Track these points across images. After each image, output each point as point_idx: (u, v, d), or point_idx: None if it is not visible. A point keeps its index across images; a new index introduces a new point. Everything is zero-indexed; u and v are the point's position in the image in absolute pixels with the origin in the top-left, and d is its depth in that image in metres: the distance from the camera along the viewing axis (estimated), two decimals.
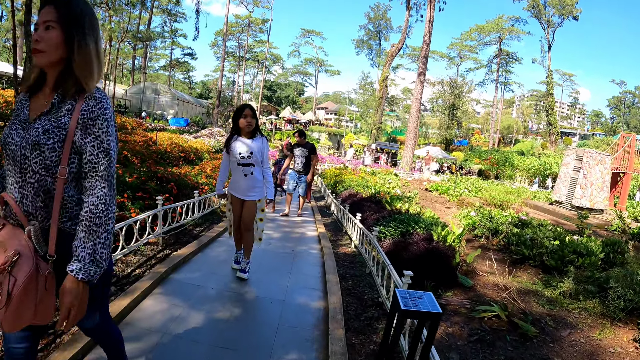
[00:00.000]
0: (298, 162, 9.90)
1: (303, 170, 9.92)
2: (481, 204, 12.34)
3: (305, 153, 9.90)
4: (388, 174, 17.64)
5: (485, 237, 8.92)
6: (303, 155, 9.88)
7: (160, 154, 12.38)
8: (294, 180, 10.04)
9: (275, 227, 8.81)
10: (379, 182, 13.75)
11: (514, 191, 14.72)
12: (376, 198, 9.52)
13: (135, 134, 16.06)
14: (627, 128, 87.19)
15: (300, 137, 9.85)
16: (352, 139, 50.58)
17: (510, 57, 70.68)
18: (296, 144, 10.09)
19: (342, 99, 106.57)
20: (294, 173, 10.05)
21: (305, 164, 9.90)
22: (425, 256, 5.07)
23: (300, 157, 9.88)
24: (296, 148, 10.02)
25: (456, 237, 5.91)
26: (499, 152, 37.92)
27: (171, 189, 7.35)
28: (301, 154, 9.89)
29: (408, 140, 30.37)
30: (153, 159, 11.02)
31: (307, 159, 9.90)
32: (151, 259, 5.36)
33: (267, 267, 5.84)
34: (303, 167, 9.89)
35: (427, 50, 28.98)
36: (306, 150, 9.91)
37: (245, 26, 78.67)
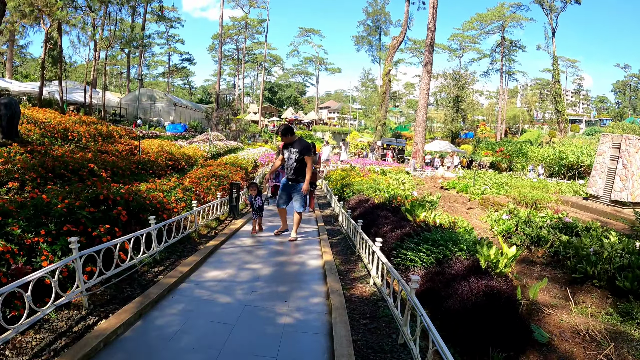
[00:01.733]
0: (288, 168, 7.65)
1: (295, 178, 7.62)
2: (509, 203, 10.84)
3: (296, 155, 7.48)
4: (399, 172, 16.16)
5: (526, 247, 7.44)
6: (294, 158, 7.52)
7: (142, 164, 10.96)
8: (285, 191, 7.82)
9: (266, 254, 6.67)
10: (391, 184, 12.27)
11: (541, 185, 13.24)
12: (392, 205, 7.98)
13: (119, 142, 14.69)
14: (634, 112, 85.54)
15: (286, 135, 7.48)
16: (356, 136, 49.15)
17: (513, 46, 69.15)
18: (284, 144, 7.77)
19: (344, 97, 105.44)
20: (284, 181, 7.85)
21: (297, 169, 7.56)
22: (479, 303, 3.53)
23: (291, 161, 7.56)
24: (285, 149, 7.71)
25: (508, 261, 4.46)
26: (511, 143, 36.28)
27: (117, 215, 5.23)
28: (291, 157, 7.56)
29: (417, 134, 28.82)
30: (131, 171, 9.62)
31: (299, 162, 7.52)
32: (62, 336, 3.53)
33: (237, 351, 3.57)
34: (295, 173, 7.58)
35: (433, 38, 27.46)
36: (297, 151, 7.49)
37: (242, 28, 78.19)
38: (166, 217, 6.27)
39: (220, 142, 23.65)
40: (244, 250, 6.83)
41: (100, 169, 8.56)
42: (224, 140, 27.01)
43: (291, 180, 7.67)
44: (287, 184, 7.73)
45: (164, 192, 7.30)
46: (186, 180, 8.82)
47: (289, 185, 7.71)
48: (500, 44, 68.70)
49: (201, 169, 11.96)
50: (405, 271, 4.49)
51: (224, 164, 13.93)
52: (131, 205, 5.71)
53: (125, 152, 12.64)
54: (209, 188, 9.16)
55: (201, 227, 7.63)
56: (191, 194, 8.03)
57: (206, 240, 7.25)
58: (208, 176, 10.23)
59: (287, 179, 7.71)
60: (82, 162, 8.34)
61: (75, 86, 36.98)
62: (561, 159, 31.31)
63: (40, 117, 15.74)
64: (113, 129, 19.03)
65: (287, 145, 7.62)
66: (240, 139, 36.55)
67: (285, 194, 7.80)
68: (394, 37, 43.54)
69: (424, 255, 4.38)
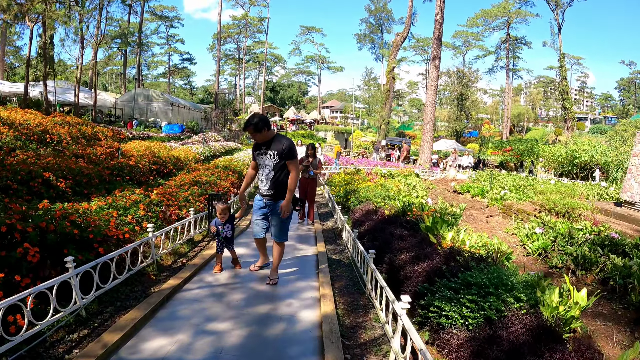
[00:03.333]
0: (263, 179, 5.23)
1: (273, 194, 5.17)
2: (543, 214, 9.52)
3: (274, 159, 5.09)
4: (408, 175, 14.81)
5: (570, 270, 6.13)
6: (271, 165, 5.12)
7: (119, 169, 9.64)
8: (261, 214, 5.41)
9: (241, 301, 4.71)
10: (402, 190, 10.91)
11: (567, 190, 11.93)
12: (407, 217, 6.62)
13: (99, 145, 13.42)
14: (639, 110, 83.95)
15: (259, 130, 5.00)
16: (359, 136, 47.83)
17: (518, 42, 67.79)
18: (255, 144, 5.34)
19: (347, 96, 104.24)
20: (259, 199, 5.41)
21: (276, 180, 5.12)
22: None
23: (267, 169, 5.17)
24: (257, 152, 5.27)
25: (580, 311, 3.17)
26: (522, 142, 34.87)
27: (23, 256, 3.59)
28: (267, 162, 5.16)
29: (425, 133, 27.43)
30: (101, 179, 8.32)
31: (279, 170, 5.12)
32: None
33: None
34: (273, 186, 5.15)
35: (441, 31, 26.07)
36: (275, 154, 5.07)
37: (242, 27, 77.27)
38: (103, 252, 4.41)
39: (217, 143, 22.34)
40: (213, 295, 4.86)
41: (59, 178, 7.21)
42: (221, 141, 25.70)
43: (268, 197, 5.22)
44: (263, 203, 5.32)
45: (120, 209, 5.84)
46: (153, 192, 7.03)
47: (265, 204, 5.30)
48: (505, 41, 67.29)
49: (186, 174, 10.59)
50: (439, 330, 3.15)
51: (214, 167, 12.60)
52: (49, 237, 3.95)
53: (104, 155, 11.34)
54: (186, 199, 7.57)
55: (165, 255, 5.90)
56: (159, 209, 6.54)
57: (167, 275, 5.35)
58: (191, 183, 8.80)
59: (262, 196, 5.30)
60: (36, 170, 6.99)
61: (68, 86, 35.73)
62: (574, 158, 29.94)
63: (18, 118, 14.50)
64: (99, 130, 17.78)
65: (261, 146, 5.20)
66: (240, 140, 35.36)
67: (262, 217, 5.41)
68: (398, 33, 42.23)
69: (468, 311, 3.03)
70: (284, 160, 5.05)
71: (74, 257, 3.72)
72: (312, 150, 9.65)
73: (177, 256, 6.20)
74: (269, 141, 5.11)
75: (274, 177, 5.10)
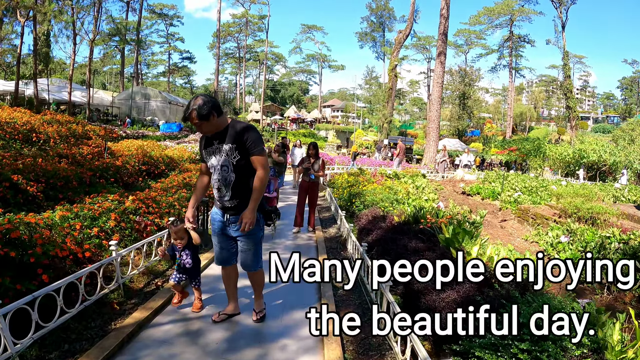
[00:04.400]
0: (219, 186, 3.80)
1: (235, 206, 3.80)
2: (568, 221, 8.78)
3: (232, 155, 3.70)
4: (415, 176, 14.05)
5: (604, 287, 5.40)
6: (228, 164, 3.71)
7: (104, 170, 8.88)
8: (221, 235, 4.01)
9: (218, 349, 3.65)
10: (411, 192, 10.16)
11: (586, 192, 11.18)
12: (420, 226, 5.85)
13: (86, 144, 12.71)
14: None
15: (203, 119, 3.57)
16: (361, 135, 47.08)
17: (521, 40, 67.00)
18: (203, 139, 3.91)
19: (348, 95, 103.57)
20: (217, 214, 3.97)
21: (238, 185, 3.75)
22: None
23: (224, 170, 3.74)
24: (207, 148, 3.83)
25: None
26: (529, 141, 34.13)
27: None
28: (220, 161, 3.74)
29: (430, 131, 26.62)
30: (81, 181, 7.58)
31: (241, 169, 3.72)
32: None
33: None
34: (234, 193, 3.77)
35: (446, 26, 25.29)
36: (233, 148, 3.68)
37: (243, 25, 76.71)
38: (48, 280, 3.46)
39: None
40: (186, 334, 3.87)
41: (30, 181, 6.46)
42: None
43: (230, 212, 3.82)
44: (224, 219, 3.88)
45: (87, 220, 4.96)
46: (128, 199, 5.90)
47: (226, 221, 3.87)
48: (508, 39, 66.54)
49: (176, 175, 9.80)
50: None
51: None
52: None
53: (91, 155, 10.62)
54: (171, 205, 6.62)
55: (137, 276, 4.89)
56: (135, 218, 5.62)
57: (135, 304, 4.33)
58: (180, 186, 7.98)
59: (220, 209, 3.89)
60: (4, 172, 6.19)
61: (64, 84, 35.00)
62: (581, 157, 29.23)
63: (4, 116, 13.81)
64: (90, 128, 17.07)
65: (212, 141, 3.78)
66: None
67: (224, 240, 3.99)
68: (400, 30, 41.42)
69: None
70: (247, 155, 3.65)
71: (12, 288, 2.93)
72: (314, 150, 8.65)
73: (153, 276, 5.18)
74: (222, 132, 3.67)
75: (236, 182, 3.69)
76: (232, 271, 4.16)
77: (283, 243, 7.55)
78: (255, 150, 3.66)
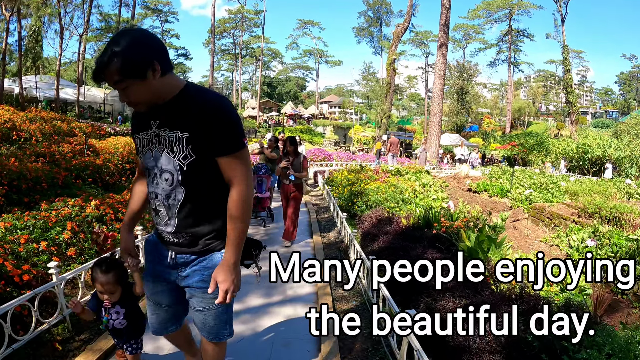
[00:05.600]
0: (157, 202, 2.11)
1: (189, 240, 2.12)
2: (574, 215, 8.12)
3: (180, 149, 1.97)
4: (418, 172, 13.32)
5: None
6: (172, 166, 2.01)
7: (81, 170, 8.12)
8: (155, 275, 2.32)
9: None
10: (418, 190, 9.42)
11: (601, 189, 10.51)
12: (433, 231, 5.08)
13: (68, 142, 11.99)
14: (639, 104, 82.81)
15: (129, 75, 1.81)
16: (359, 130, 46.38)
17: (520, 35, 66.51)
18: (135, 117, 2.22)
19: (345, 91, 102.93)
20: (156, 244, 2.28)
21: (189, 205, 2.06)
22: None
23: (165, 178, 2.04)
24: (140, 134, 2.14)
25: None
26: (532, 136, 33.49)
27: None
28: (163, 159, 2.03)
29: (432, 126, 25.94)
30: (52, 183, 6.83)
31: (196, 177, 2.02)
32: None
33: None
34: (182, 220, 2.08)
35: (448, 17, 24.59)
36: (186, 137, 1.95)
37: (238, 21, 76.13)
38: None
39: None
40: None
41: None
42: None
43: (177, 248, 2.17)
44: (168, 259, 2.19)
45: (36, 231, 4.02)
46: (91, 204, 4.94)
47: (171, 262, 2.19)
48: (507, 33, 65.97)
49: None
50: None
51: None
52: None
53: (72, 153, 9.89)
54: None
55: None
56: (96, 227, 4.69)
57: (83, 342, 3.42)
58: None
59: (166, 244, 2.21)
60: None
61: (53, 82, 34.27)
62: (585, 152, 28.63)
63: None
64: (76, 125, 16.29)
65: (147, 119, 2.08)
66: None
67: (165, 290, 2.34)
68: (398, 24, 40.62)
69: None
70: (212, 154, 1.99)
71: None
72: (293, 146, 7.15)
73: None
74: (168, 106, 1.99)
75: (189, 203, 2.06)
76: (179, 334, 2.62)
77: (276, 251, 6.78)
78: (228, 146, 1.96)
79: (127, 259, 2.40)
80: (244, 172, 2.00)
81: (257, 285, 4.64)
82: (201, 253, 2.12)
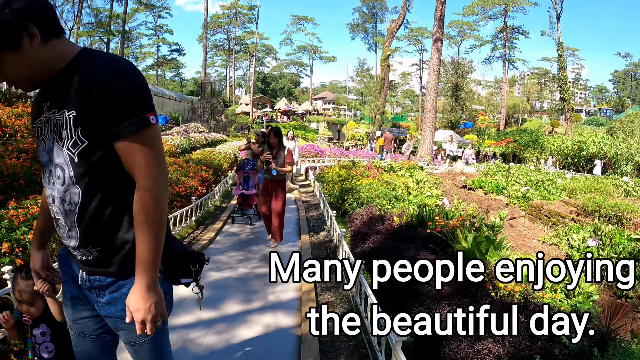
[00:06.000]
0: (54, 209, 1.61)
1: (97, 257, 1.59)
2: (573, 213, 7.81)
3: (70, 143, 1.45)
4: (412, 168, 13.00)
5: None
6: (63, 159, 1.49)
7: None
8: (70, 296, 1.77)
9: None
10: (411, 187, 9.08)
11: (600, 186, 10.23)
12: (427, 230, 4.75)
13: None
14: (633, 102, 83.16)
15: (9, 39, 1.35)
16: (353, 127, 46.08)
17: (515, 32, 66.48)
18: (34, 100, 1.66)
19: (340, 88, 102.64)
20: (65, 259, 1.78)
21: (89, 213, 1.53)
22: None
23: (55, 177, 1.54)
24: (35, 124, 1.63)
25: None
26: (527, 133, 33.33)
27: None
28: (56, 151, 1.51)
29: (426, 122, 25.68)
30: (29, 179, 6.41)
31: (93, 178, 1.50)
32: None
33: None
34: (83, 235, 1.57)
35: (443, 11, 24.33)
36: (72, 122, 1.44)
37: (232, 17, 75.69)
38: None
39: (199, 135, 20.47)
40: None
41: None
42: (205, 132, 23.82)
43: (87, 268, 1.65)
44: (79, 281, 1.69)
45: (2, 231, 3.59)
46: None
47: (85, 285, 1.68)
48: (502, 30, 65.91)
49: None
50: None
51: (185, 161, 10.68)
52: None
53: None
54: None
55: None
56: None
57: None
58: None
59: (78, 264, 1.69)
60: None
61: None
62: (580, 149, 28.47)
63: None
64: None
65: (39, 103, 1.59)
66: (228, 131, 33.61)
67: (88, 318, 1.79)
68: (393, 20, 40.31)
69: None
70: (108, 138, 1.47)
71: None
72: (276, 139, 6.55)
73: None
74: (57, 81, 1.49)
75: (84, 203, 1.53)
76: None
77: (261, 251, 6.42)
78: (124, 124, 1.44)
79: (37, 282, 1.94)
80: (150, 161, 1.48)
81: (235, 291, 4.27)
82: (119, 275, 1.61)
